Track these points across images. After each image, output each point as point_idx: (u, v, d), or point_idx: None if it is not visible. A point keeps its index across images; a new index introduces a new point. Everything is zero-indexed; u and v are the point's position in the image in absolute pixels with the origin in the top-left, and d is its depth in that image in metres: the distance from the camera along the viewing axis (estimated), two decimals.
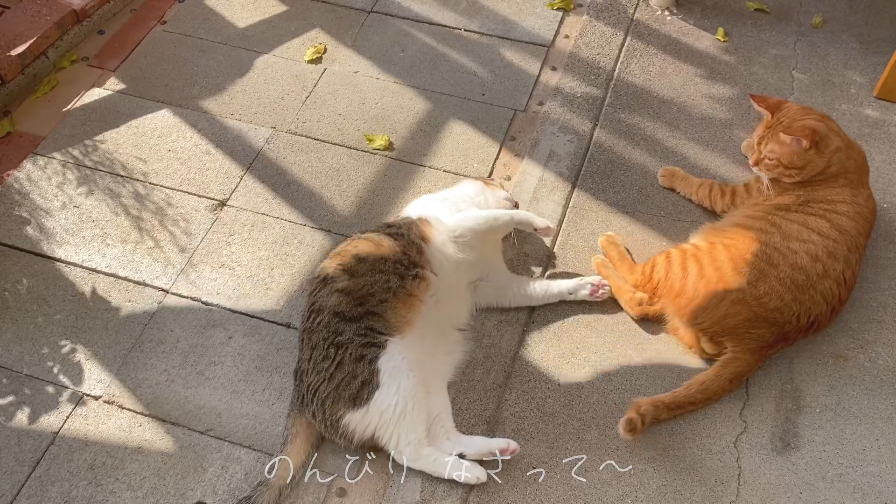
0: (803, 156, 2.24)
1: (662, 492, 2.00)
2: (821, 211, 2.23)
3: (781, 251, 2.15)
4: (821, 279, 2.14)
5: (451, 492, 1.98)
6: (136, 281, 2.40)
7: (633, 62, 3.08)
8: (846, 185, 2.27)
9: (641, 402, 2.07)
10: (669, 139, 2.82)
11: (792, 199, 2.29)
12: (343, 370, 1.96)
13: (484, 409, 2.14)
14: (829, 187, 2.27)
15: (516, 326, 2.32)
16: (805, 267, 2.13)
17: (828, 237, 2.17)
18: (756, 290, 2.11)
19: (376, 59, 3.09)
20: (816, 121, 2.30)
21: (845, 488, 2.01)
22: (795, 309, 2.12)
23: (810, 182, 2.28)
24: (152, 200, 2.61)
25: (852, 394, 2.18)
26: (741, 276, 2.13)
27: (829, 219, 2.21)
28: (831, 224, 2.20)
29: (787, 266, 2.13)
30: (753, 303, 2.11)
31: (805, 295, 2.12)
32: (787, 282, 2.12)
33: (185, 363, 2.22)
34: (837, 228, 2.19)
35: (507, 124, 2.87)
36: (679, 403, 2.10)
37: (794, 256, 2.15)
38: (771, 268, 2.13)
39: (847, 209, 2.23)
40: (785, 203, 2.29)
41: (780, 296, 2.11)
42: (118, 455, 2.04)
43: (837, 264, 2.16)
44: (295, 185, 2.66)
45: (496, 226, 2.25)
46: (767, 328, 2.12)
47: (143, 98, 2.93)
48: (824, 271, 2.14)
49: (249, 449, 2.06)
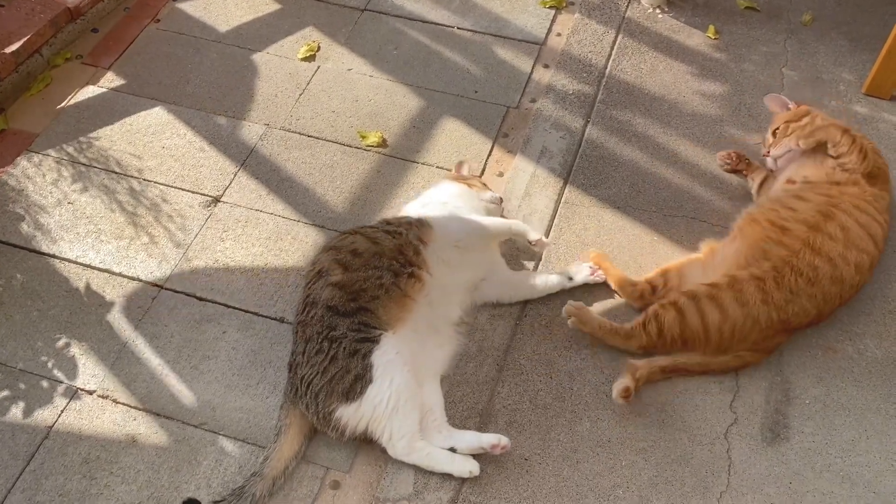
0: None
1: (654, 482, 2.02)
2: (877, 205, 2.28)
3: (835, 262, 2.16)
4: (849, 290, 2.20)
5: (443, 484, 1.99)
6: (131, 276, 2.41)
7: (624, 60, 3.11)
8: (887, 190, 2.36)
9: (638, 366, 2.12)
10: (661, 135, 2.84)
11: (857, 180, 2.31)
12: (337, 364, 1.97)
13: (477, 401, 2.16)
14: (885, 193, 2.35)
15: (509, 320, 2.33)
16: (845, 280, 2.17)
17: (875, 249, 2.23)
18: (785, 312, 2.14)
19: (370, 56, 3.11)
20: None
21: (834, 478, 2.03)
22: (813, 319, 2.19)
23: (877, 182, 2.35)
24: (147, 197, 2.62)
25: (841, 385, 2.21)
26: (769, 306, 2.13)
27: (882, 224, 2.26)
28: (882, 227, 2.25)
29: (828, 280, 2.15)
30: (779, 325, 2.15)
31: (827, 306, 2.18)
32: (819, 298, 2.15)
33: (180, 358, 2.23)
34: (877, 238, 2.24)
35: (500, 121, 2.89)
36: (675, 368, 2.15)
37: (843, 268, 2.16)
38: (808, 286, 2.14)
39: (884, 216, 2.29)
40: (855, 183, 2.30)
41: (806, 312, 2.16)
42: (112, 449, 2.05)
43: (870, 276, 2.24)
44: (289, 181, 2.68)
45: (496, 234, 2.34)
46: (786, 335, 2.20)
47: (137, 95, 2.94)
48: (859, 282, 2.21)
49: (243, 442, 2.07)
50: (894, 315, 2.35)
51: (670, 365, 2.17)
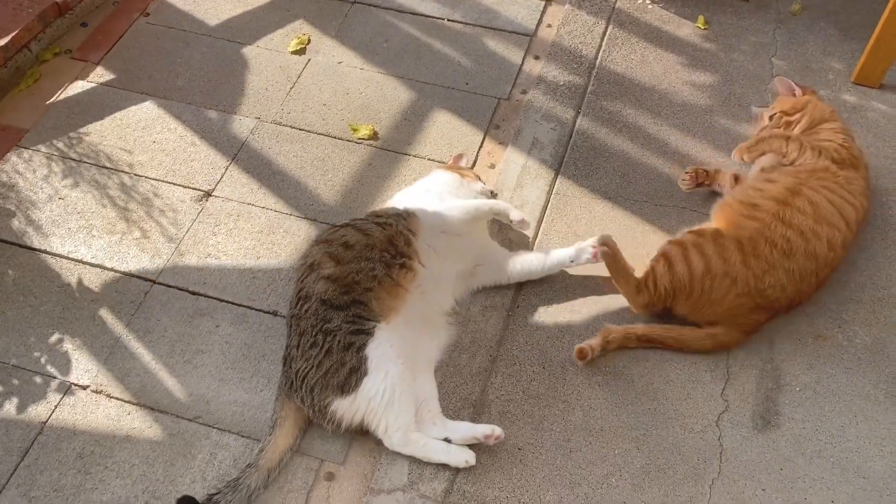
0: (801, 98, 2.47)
1: (646, 470, 2.03)
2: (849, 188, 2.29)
3: (806, 235, 2.18)
4: (824, 267, 2.21)
5: (438, 474, 2.00)
6: (123, 271, 2.41)
7: (615, 50, 3.11)
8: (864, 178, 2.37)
9: (613, 330, 2.18)
10: (651, 126, 2.85)
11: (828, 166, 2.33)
12: (331, 358, 1.98)
13: (470, 392, 2.17)
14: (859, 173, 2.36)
15: (501, 311, 2.34)
16: (819, 255, 2.19)
17: (847, 229, 2.24)
18: (761, 282, 2.15)
19: (360, 49, 3.10)
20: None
21: (824, 464, 2.05)
22: (792, 296, 2.19)
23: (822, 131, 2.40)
24: (138, 191, 2.62)
25: (831, 372, 2.23)
26: (748, 269, 2.15)
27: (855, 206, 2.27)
28: (856, 209, 2.26)
29: (802, 256, 2.17)
30: (757, 295, 2.16)
31: (804, 283, 2.19)
32: (795, 273, 2.17)
33: (173, 352, 2.23)
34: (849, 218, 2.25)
35: (491, 113, 2.89)
36: (650, 338, 2.19)
37: (815, 243, 2.18)
38: (784, 259, 2.16)
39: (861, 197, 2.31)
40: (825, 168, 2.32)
41: (783, 287, 2.17)
42: (107, 444, 2.06)
43: (843, 254, 2.25)
44: (280, 174, 2.68)
45: (478, 216, 2.31)
46: (765, 314, 2.21)
47: (128, 90, 2.93)
48: (832, 259, 2.22)
49: (238, 435, 2.08)
50: (883, 302, 2.37)
51: (646, 334, 2.20)
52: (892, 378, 2.21)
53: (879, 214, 2.59)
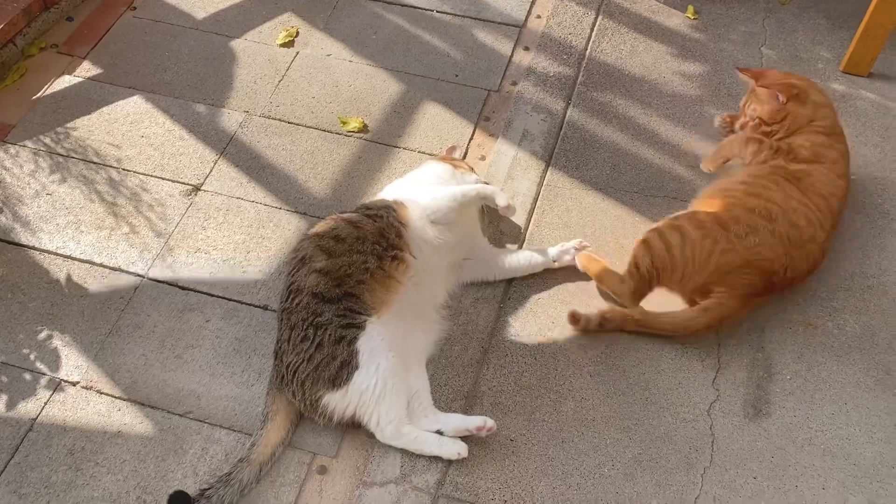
0: (782, 109, 2.36)
1: (638, 460, 2.04)
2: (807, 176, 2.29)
3: (783, 208, 2.21)
4: (809, 242, 2.21)
5: (430, 466, 2.00)
6: (112, 267, 2.40)
7: (604, 41, 3.11)
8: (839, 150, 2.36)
9: (612, 308, 2.20)
10: (641, 116, 2.85)
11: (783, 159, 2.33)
12: (322, 351, 1.97)
13: (462, 384, 2.17)
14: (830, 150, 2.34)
15: (493, 303, 2.34)
16: (801, 227, 2.20)
17: (819, 208, 2.24)
18: (746, 241, 2.16)
19: (349, 41, 3.09)
20: (797, 79, 2.43)
21: (815, 451, 2.06)
22: (785, 262, 2.18)
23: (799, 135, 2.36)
24: (127, 186, 2.60)
25: (821, 360, 2.23)
26: (728, 231, 2.17)
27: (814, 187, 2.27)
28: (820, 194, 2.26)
29: (786, 222, 2.19)
30: (744, 251, 2.16)
31: (796, 251, 2.19)
32: (783, 236, 2.18)
33: (163, 347, 2.22)
34: (824, 194, 2.26)
35: (481, 105, 2.89)
36: (647, 324, 2.20)
37: (794, 215, 2.21)
38: (767, 222, 2.18)
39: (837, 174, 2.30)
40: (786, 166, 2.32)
41: (772, 247, 2.17)
42: (97, 440, 2.05)
43: (824, 233, 2.23)
44: (269, 168, 2.66)
45: (465, 201, 2.26)
46: (758, 275, 2.17)
47: (115, 84, 2.91)
48: (812, 236, 2.21)
49: (229, 430, 2.07)
50: (872, 290, 2.38)
51: (644, 319, 2.21)
52: (881, 365, 2.23)
53: (868, 202, 2.60)
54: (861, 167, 2.70)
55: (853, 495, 1.99)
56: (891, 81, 2.97)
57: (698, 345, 2.24)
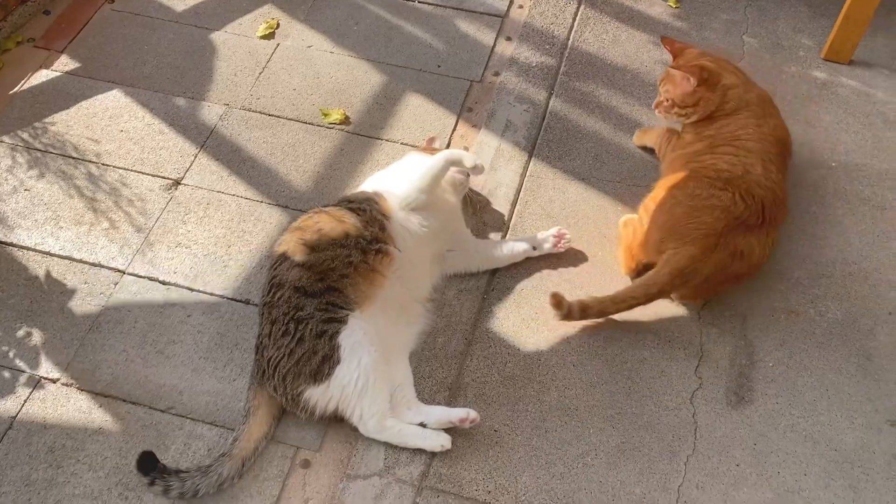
0: (694, 93, 2.35)
1: (622, 449, 2.04)
2: (727, 142, 2.32)
3: (703, 166, 2.27)
4: (747, 174, 2.22)
5: (414, 458, 2.00)
6: (92, 262, 2.37)
7: (586, 30, 3.10)
8: (750, 116, 2.35)
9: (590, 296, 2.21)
10: (623, 106, 2.84)
11: (706, 144, 2.36)
12: (304, 346, 1.96)
13: (446, 376, 2.16)
14: (734, 123, 2.35)
15: (476, 295, 2.34)
16: (727, 169, 2.23)
17: (737, 154, 2.27)
18: (686, 189, 2.21)
19: (330, 33, 3.07)
20: (708, 61, 2.41)
21: (797, 437, 2.07)
22: (731, 192, 2.17)
23: (714, 120, 2.37)
24: (106, 181, 2.58)
25: (803, 347, 2.24)
26: (670, 189, 2.23)
27: (735, 144, 2.30)
28: (737, 148, 2.30)
29: (712, 171, 2.24)
30: (686, 199, 2.19)
31: (737, 182, 2.19)
32: (714, 176, 2.22)
33: (144, 343, 2.21)
34: (745, 148, 2.29)
35: (464, 95, 2.87)
36: (622, 299, 2.19)
37: (715, 165, 2.25)
38: (697, 173, 2.25)
39: (752, 135, 2.32)
40: (699, 149, 2.36)
41: (710, 185, 2.19)
42: (78, 437, 2.03)
43: (756, 167, 2.24)
44: (250, 161, 2.65)
45: (435, 173, 2.21)
46: (709, 214, 2.15)
47: (93, 78, 2.88)
48: (746, 169, 2.23)
49: (212, 425, 2.06)
50: (854, 277, 2.39)
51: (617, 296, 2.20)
52: (862, 351, 2.24)
53: (850, 189, 2.61)
54: (842, 154, 2.71)
55: (834, 480, 2.00)
56: (871, 68, 2.98)
57: (681, 333, 2.25)
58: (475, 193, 2.56)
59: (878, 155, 2.71)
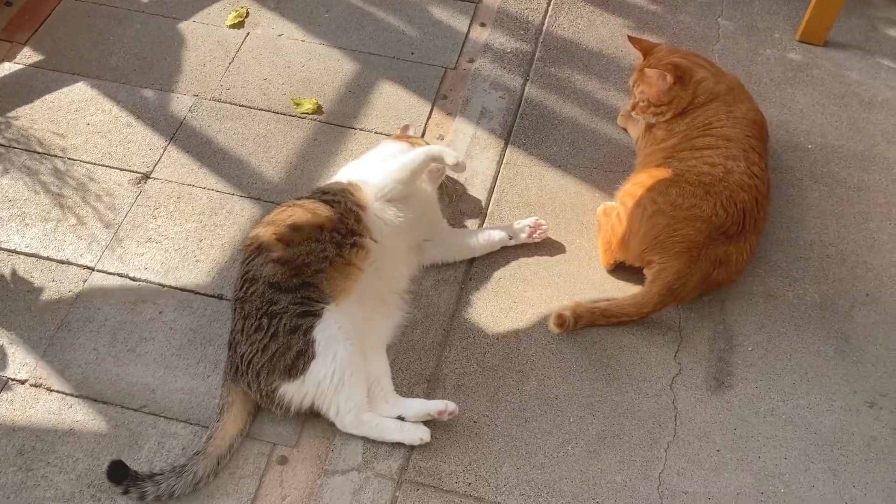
0: (669, 91, 2.35)
1: (602, 437, 2.03)
2: (702, 133, 2.31)
3: (684, 168, 2.24)
4: (728, 175, 2.19)
5: (393, 452, 1.98)
6: (60, 260, 2.32)
7: (561, 15, 3.06)
8: (721, 105, 2.35)
9: (580, 304, 2.18)
10: (599, 91, 2.82)
11: (679, 139, 2.35)
12: (277, 341, 1.92)
13: (424, 367, 2.14)
14: (704, 114, 2.35)
15: (454, 285, 2.31)
16: (708, 172, 2.20)
17: (717, 147, 2.25)
18: (668, 196, 2.18)
19: (301, 21, 3.01)
20: (680, 57, 2.41)
21: (777, 421, 2.07)
22: (713, 201, 2.15)
23: (686, 115, 2.37)
24: (73, 176, 2.51)
25: (782, 330, 2.24)
26: (651, 191, 2.20)
27: (712, 134, 2.29)
28: (716, 137, 2.28)
29: (693, 175, 2.21)
30: (668, 208, 2.17)
31: (718, 188, 2.17)
32: (696, 183, 2.19)
33: (115, 341, 2.16)
34: (723, 137, 2.27)
35: (438, 83, 2.83)
36: (612, 313, 2.19)
37: (696, 168, 2.22)
38: (679, 178, 2.21)
39: (725, 121, 2.31)
40: (674, 143, 2.35)
41: (692, 194, 2.17)
42: (48, 439, 1.98)
43: (739, 162, 2.22)
44: (221, 153, 2.59)
45: (415, 168, 2.18)
46: (691, 226, 2.15)
47: (58, 71, 2.81)
48: (727, 170, 2.20)
49: (186, 423, 2.02)
50: (831, 259, 2.39)
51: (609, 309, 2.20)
52: (840, 334, 2.24)
53: (826, 171, 2.61)
54: (818, 136, 2.71)
55: (814, 463, 2.00)
56: (846, 49, 2.97)
57: (659, 319, 2.24)
58: (451, 182, 2.53)
59: (853, 136, 2.71)
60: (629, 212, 2.23)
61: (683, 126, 2.36)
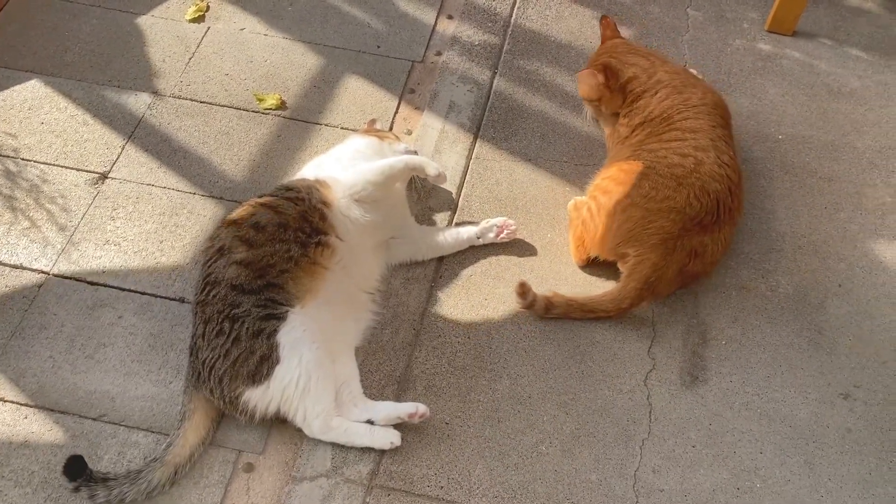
0: (598, 89, 2.38)
1: (576, 435, 1.99)
2: (667, 128, 2.28)
3: (655, 160, 2.21)
4: (699, 166, 2.16)
5: (363, 457, 1.92)
6: (12, 265, 2.23)
7: (529, 7, 3.02)
8: (671, 92, 2.33)
9: (558, 294, 2.16)
10: (569, 84, 2.78)
11: (645, 135, 2.31)
12: (240, 346, 1.86)
13: (394, 369, 2.09)
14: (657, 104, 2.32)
15: (424, 283, 2.26)
16: (679, 163, 2.18)
17: (685, 139, 2.22)
18: (641, 189, 2.14)
19: (263, 14, 2.93)
20: (611, 56, 2.43)
21: (752, 415, 2.05)
22: (686, 192, 2.12)
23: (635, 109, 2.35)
24: (25, 178, 2.42)
25: (755, 323, 2.22)
26: (624, 186, 2.17)
27: (677, 127, 2.26)
28: (681, 130, 2.25)
29: (665, 167, 2.18)
30: (642, 201, 2.13)
31: (690, 179, 2.14)
32: (668, 175, 2.15)
33: (72, 347, 2.08)
34: (689, 129, 2.25)
35: (406, 76, 2.78)
36: (590, 308, 2.16)
37: (667, 159, 2.19)
38: (651, 171, 2.18)
39: (686, 112, 2.28)
40: (640, 139, 2.32)
41: (664, 185, 2.13)
42: (2, 451, 1.90)
43: (709, 153, 2.19)
44: (182, 151, 2.51)
45: (392, 174, 2.14)
46: (665, 217, 2.11)
47: (10, 68, 2.70)
48: (698, 160, 2.17)
49: (147, 432, 1.95)
50: (803, 250, 2.38)
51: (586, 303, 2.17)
52: (813, 325, 2.22)
53: (797, 161, 2.60)
54: (789, 126, 2.69)
55: (790, 457, 1.98)
56: (814, 39, 2.96)
57: (632, 314, 2.20)
58: (420, 178, 2.47)
59: (823, 126, 2.70)
60: (600, 206, 2.20)
61: (640, 119, 2.33)
